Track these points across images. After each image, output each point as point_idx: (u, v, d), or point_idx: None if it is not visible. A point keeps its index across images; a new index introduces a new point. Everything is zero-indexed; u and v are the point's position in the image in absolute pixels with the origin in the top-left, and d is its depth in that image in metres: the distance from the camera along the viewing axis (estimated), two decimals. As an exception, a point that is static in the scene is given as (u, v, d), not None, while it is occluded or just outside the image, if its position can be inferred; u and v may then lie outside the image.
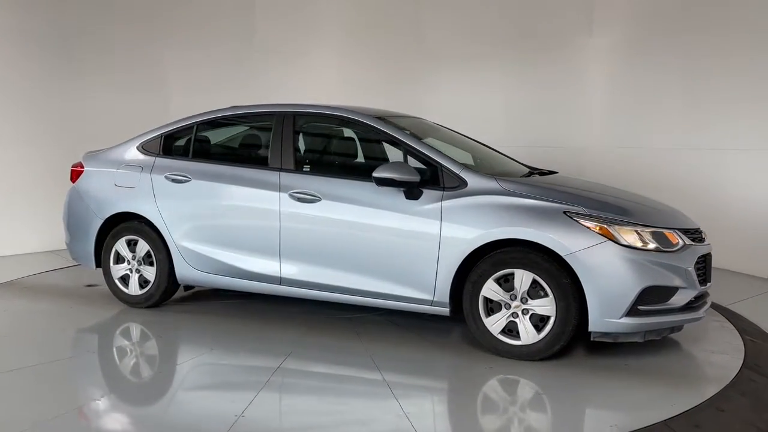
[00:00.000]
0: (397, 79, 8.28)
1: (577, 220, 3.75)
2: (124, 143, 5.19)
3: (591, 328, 3.72)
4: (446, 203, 4.00)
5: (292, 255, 4.42)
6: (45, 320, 4.83)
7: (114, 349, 4.31)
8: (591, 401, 3.53)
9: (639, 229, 3.76)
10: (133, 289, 4.96)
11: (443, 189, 4.05)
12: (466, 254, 3.91)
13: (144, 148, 5.03)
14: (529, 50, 7.67)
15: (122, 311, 4.92)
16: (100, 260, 5.07)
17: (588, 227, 3.72)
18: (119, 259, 5.00)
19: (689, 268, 3.81)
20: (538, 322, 3.83)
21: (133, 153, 5.06)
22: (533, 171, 4.73)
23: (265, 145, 4.76)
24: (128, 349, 4.34)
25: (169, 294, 4.97)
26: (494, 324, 3.92)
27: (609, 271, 3.66)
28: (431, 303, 4.08)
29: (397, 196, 4.11)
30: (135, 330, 4.64)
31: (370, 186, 4.19)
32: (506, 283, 3.88)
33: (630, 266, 3.65)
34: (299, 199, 4.35)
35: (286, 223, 4.39)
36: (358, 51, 8.52)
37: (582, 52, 7.48)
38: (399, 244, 4.10)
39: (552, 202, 3.87)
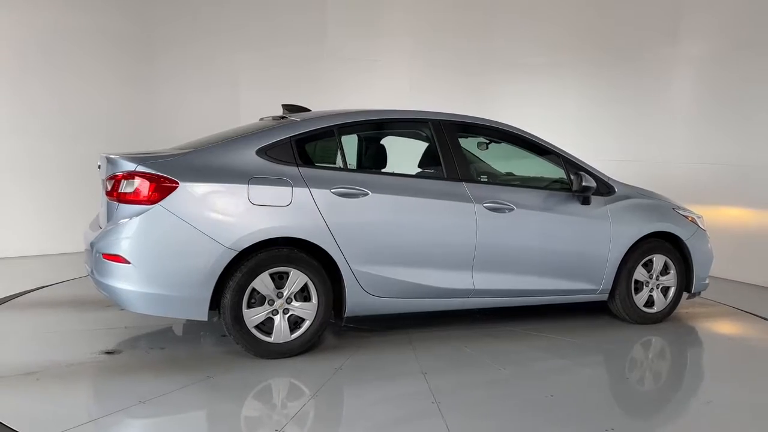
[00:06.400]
0: (466, 86, 8.02)
1: (682, 215, 5.15)
2: (221, 147, 3.93)
3: (693, 290, 5.19)
4: (610, 206, 4.81)
5: (485, 265, 4.40)
6: None
7: None
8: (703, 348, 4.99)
9: (696, 217, 5.40)
10: (281, 334, 3.89)
11: (602, 195, 4.83)
12: (629, 246, 4.84)
13: (269, 155, 3.93)
14: (606, 60, 7.58)
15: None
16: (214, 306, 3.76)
17: (687, 218, 5.17)
18: (252, 300, 3.82)
19: None
20: (665, 292, 5.08)
21: (252, 160, 3.89)
22: None
23: (428, 154, 4.44)
24: None
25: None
26: (641, 299, 4.98)
27: (704, 248, 5.22)
28: (598, 292, 4.83)
29: (575, 203, 4.68)
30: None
31: (553, 194, 4.66)
32: (645, 267, 4.99)
33: (708, 244, 5.29)
34: (494, 210, 4.39)
35: (482, 233, 4.35)
36: (427, 58, 8.32)
37: (663, 64, 7.29)
38: (581, 243, 4.70)
39: (664, 201, 5.16)
